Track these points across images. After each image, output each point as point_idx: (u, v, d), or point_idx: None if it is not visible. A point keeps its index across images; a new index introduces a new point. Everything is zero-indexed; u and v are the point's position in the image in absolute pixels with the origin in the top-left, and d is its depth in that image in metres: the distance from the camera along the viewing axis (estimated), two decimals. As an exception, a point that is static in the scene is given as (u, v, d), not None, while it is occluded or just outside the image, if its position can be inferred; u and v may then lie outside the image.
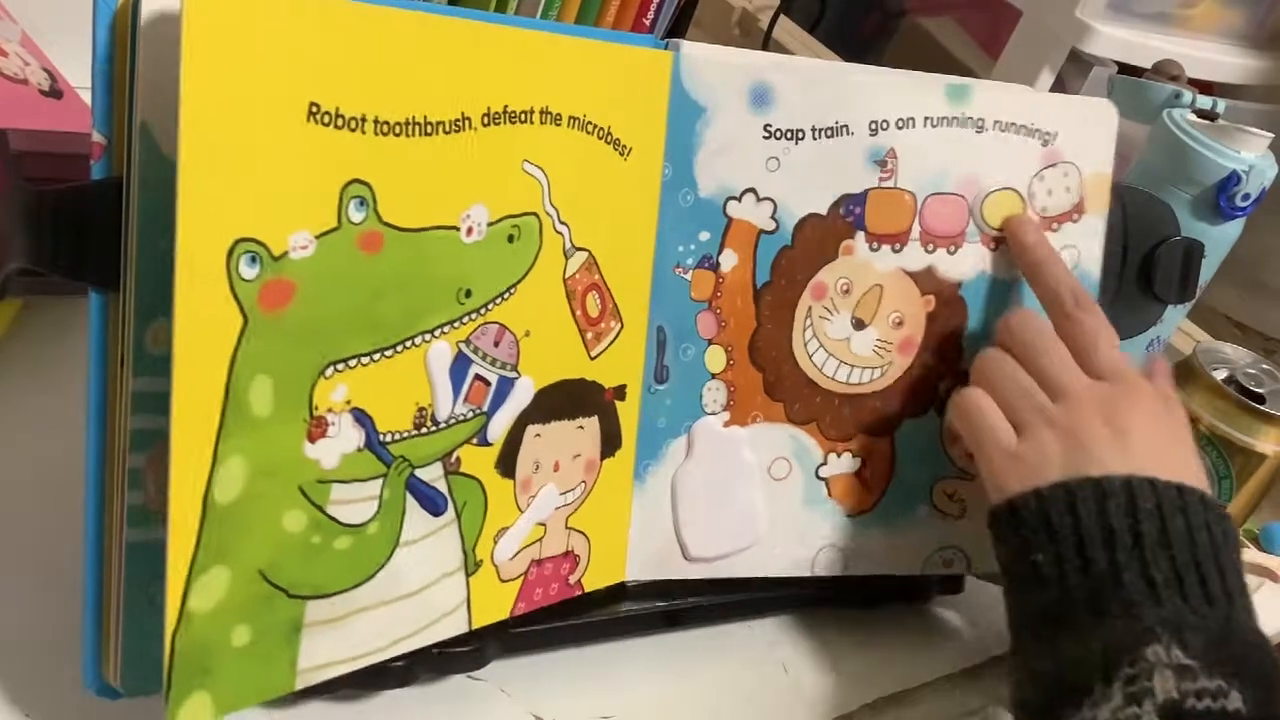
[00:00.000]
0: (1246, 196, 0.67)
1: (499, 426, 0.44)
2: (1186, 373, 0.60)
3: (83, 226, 0.36)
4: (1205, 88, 0.77)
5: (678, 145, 0.48)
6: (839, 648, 0.55)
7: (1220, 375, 0.59)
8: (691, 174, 0.48)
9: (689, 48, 0.48)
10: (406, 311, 0.39)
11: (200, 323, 0.34)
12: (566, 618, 0.49)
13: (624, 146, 0.46)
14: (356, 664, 0.41)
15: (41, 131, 0.42)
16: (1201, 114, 0.71)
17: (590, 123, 0.44)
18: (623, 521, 0.50)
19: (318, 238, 0.36)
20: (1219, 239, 0.69)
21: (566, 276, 0.45)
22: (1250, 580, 0.69)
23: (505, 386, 0.44)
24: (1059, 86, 0.92)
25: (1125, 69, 0.90)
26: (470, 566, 0.44)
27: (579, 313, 0.46)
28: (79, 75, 0.62)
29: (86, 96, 0.62)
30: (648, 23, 0.79)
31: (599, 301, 0.46)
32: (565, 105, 0.43)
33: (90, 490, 0.37)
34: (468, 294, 0.41)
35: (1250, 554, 0.71)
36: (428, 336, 0.40)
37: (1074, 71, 0.92)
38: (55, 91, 0.61)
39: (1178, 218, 0.63)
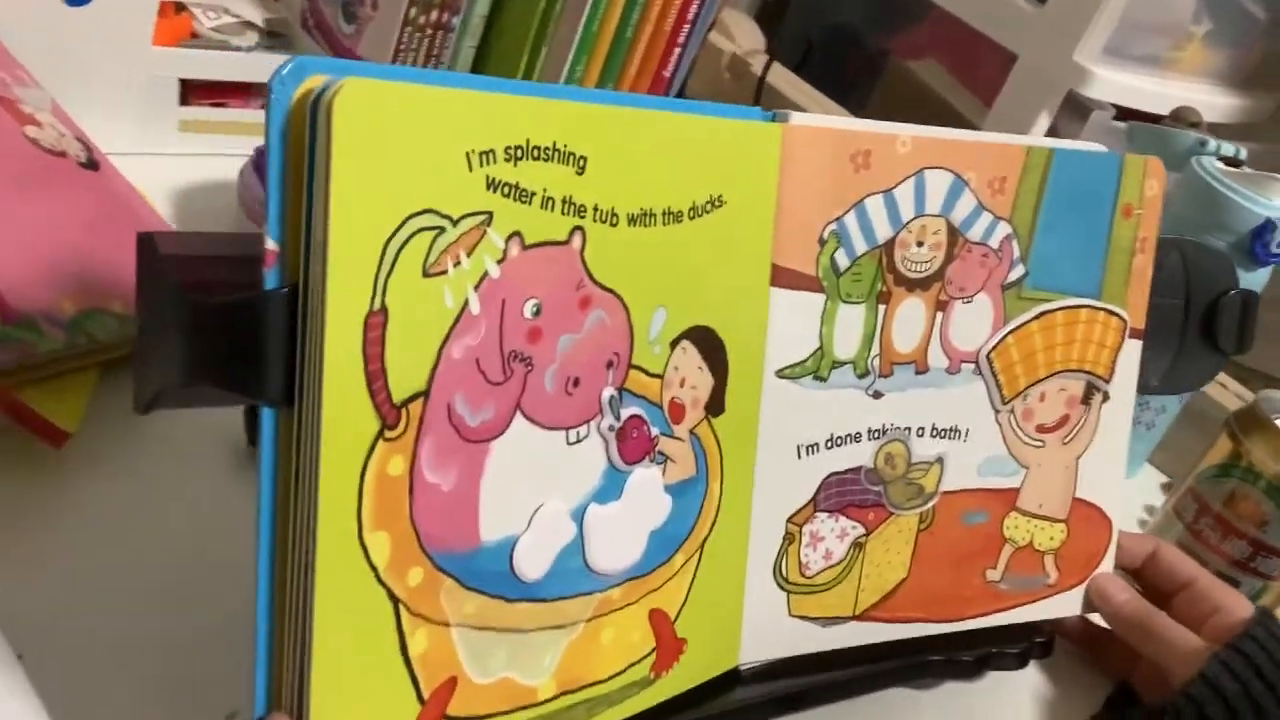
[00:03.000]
0: (1281, 243, 0.68)
1: None
2: (1250, 421, 0.61)
3: (253, 339, 0.33)
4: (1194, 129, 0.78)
5: None
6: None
7: (1283, 423, 0.60)
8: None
9: (797, 117, 0.47)
10: None
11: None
12: (681, 712, 0.47)
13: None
14: None
15: (187, 233, 0.39)
16: (1227, 161, 0.72)
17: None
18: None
19: None
20: (1251, 285, 0.70)
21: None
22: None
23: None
24: (1053, 132, 0.93)
25: (1121, 112, 0.92)
26: None
27: None
28: (102, 141, 0.59)
29: (118, 163, 0.59)
30: (667, 75, 0.78)
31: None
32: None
33: (261, 619, 0.34)
34: None
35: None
36: None
37: (1067, 115, 0.93)
38: (92, 163, 0.57)
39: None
